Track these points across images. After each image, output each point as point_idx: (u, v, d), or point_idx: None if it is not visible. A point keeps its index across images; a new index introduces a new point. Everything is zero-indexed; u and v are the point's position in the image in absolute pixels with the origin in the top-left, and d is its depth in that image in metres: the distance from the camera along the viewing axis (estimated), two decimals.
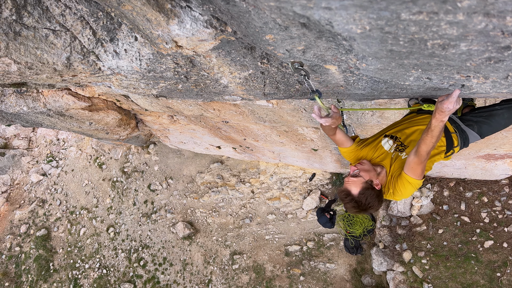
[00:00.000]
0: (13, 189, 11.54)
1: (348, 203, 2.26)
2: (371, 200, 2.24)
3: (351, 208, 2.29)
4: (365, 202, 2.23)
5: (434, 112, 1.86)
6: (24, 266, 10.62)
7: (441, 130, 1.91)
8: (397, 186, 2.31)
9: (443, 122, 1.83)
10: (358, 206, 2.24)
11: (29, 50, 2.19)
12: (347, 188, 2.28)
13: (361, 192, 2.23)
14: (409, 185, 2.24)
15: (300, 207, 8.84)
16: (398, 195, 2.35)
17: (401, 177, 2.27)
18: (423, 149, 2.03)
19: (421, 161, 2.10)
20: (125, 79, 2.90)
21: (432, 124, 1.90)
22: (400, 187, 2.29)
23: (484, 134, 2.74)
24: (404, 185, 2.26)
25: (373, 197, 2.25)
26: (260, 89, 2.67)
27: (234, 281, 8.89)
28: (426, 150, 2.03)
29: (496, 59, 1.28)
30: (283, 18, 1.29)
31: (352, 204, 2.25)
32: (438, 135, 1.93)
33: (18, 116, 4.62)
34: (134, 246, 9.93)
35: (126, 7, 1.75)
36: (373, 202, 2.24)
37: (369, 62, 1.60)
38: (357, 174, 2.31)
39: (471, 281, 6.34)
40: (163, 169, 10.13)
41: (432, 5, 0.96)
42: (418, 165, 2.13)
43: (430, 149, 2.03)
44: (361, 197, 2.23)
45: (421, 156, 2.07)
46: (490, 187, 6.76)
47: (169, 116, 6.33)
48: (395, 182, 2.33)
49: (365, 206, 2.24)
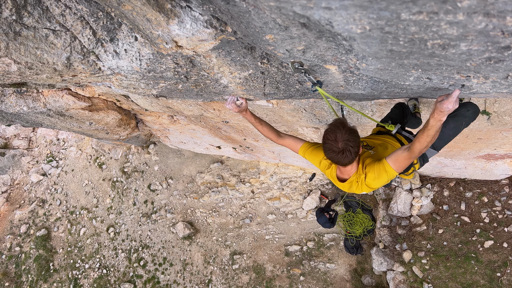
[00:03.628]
0: (13, 189, 11.54)
1: (327, 133, 2.10)
2: (348, 135, 2.07)
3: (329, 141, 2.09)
4: (342, 133, 2.05)
5: (432, 111, 1.86)
6: (24, 266, 10.62)
7: (438, 130, 1.93)
8: (371, 171, 2.30)
9: (441, 121, 1.85)
10: (336, 138, 2.06)
11: (29, 50, 2.19)
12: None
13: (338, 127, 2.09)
14: (384, 173, 2.24)
15: (300, 207, 8.84)
16: (370, 181, 2.33)
17: (379, 164, 2.27)
18: (417, 146, 2.05)
19: (410, 157, 2.12)
20: (125, 79, 2.90)
21: (429, 123, 1.91)
22: (375, 173, 2.28)
23: (437, 147, 2.89)
24: (379, 171, 2.26)
25: (348, 130, 2.09)
26: (260, 89, 2.67)
27: (234, 281, 8.89)
28: (420, 148, 2.05)
29: (496, 59, 1.28)
30: (283, 18, 1.29)
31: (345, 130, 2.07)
32: (433, 134, 1.95)
33: (18, 116, 4.62)
34: (134, 246, 9.93)
35: (126, 7, 1.75)
36: (350, 136, 2.06)
37: (369, 62, 1.60)
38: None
39: (471, 281, 6.34)
40: (163, 169, 10.13)
41: (432, 5, 0.96)
42: (405, 160, 2.16)
43: (424, 148, 2.05)
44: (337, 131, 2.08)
45: (413, 153, 2.09)
46: (490, 187, 6.76)
47: (169, 116, 6.33)
48: (370, 167, 2.32)
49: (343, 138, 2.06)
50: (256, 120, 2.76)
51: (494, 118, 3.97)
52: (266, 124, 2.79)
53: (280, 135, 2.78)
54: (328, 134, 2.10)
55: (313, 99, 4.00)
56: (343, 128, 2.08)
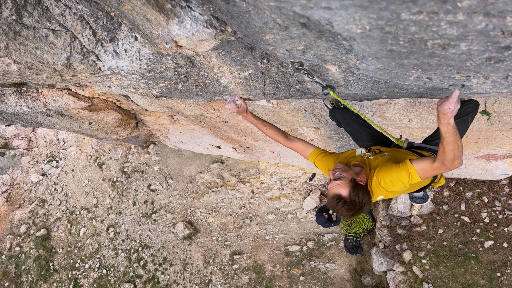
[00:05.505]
0: (13, 189, 11.53)
1: (342, 207, 2.12)
2: (363, 197, 2.12)
3: (346, 212, 2.14)
4: (359, 200, 2.10)
5: (437, 118, 1.80)
6: (24, 266, 10.62)
7: (455, 134, 1.79)
8: (384, 169, 2.18)
9: (450, 124, 1.74)
10: (354, 206, 2.10)
11: (29, 50, 2.19)
12: (335, 192, 2.14)
13: (351, 192, 2.10)
14: (406, 173, 2.06)
15: (300, 207, 8.84)
16: (385, 179, 2.17)
17: (399, 164, 2.12)
18: (444, 158, 1.89)
19: (439, 167, 1.97)
20: (125, 79, 2.90)
21: (441, 132, 1.81)
22: (393, 171, 2.13)
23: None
24: (399, 170, 2.09)
25: (364, 193, 2.13)
26: (260, 89, 2.67)
27: (234, 281, 8.89)
28: (448, 159, 1.88)
29: (496, 59, 1.28)
30: (283, 18, 1.29)
31: (347, 207, 2.11)
32: (453, 140, 1.81)
33: (18, 116, 4.62)
34: (134, 246, 9.92)
35: (126, 7, 1.75)
36: (366, 198, 2.13)
37: (369, 62, 1.60)
38: (339, 176, 2.19)
39: (471, 281, 6.34)
40: (163, 169, 10.13)
41: (432, 5, 0.96)
42: (432, 170, 2.01)
43: (452, 157, 1.87)
44: (353, 196, 2.10)
45: (443, 164, 1.92)
46: (490, 187, 6.76)
47: (169, 116, 6.33)
48: (385, 167, 2.19)
49: (360, 204, 2.10)
50: (258, 121, 2.70)
51: (494, 118, 3.97)
52: (271, 126, 2.73)
53: (288, 137, 2.72)
54: (345, 203, 2.11)
55: (313, 99, 4.00)
56: (363, 193, 2.11)
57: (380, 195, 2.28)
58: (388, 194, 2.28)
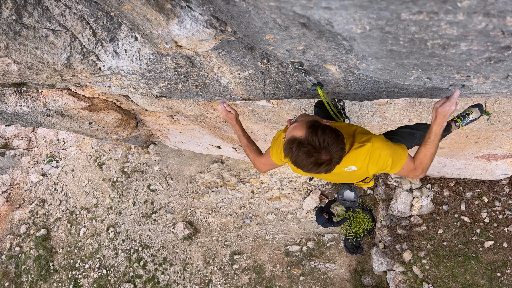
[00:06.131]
0: (13, 189, 11.53)
1: (298, 152, 1.60)
2: (324, 136, 1.59)
3: (306, 158, 1.60)
4: (319, 140, 1.59)
5: (434, 119, 1.81)
6: (24, 266, 10.62)
7: (439, 138, 1.84)
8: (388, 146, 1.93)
9: (443, 127, 1.79)
10: (313, 149, 1.59)
11: (29, 50, 2.19)
12: (289, 137, 1.68)
13: (307, 132, 1.62)
14: (399, 158, 1.93)
15: (300, 207, 8.84)
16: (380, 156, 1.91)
17: (403, 148, 1.98)
18: (424, 162, 1.88)
19: (410, 169, 1.95)
20: (125, 79, 2.90)
21: (432, 132, 1.82)
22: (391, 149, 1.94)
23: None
24: (398, 151, 1.94)
25: (326, 133, 1.61)
26: (260, 89, 2.67)
27: (234, 281, 8.88)
28: (427, 164, 1.89)
29: (496, 59, 1.28)
30: (283, 18, 1.29)
31: (304, 150, 1.59)
32: (437, 143, 1.86)
33: (18, 116, 4.62)
34: (134, 246, 9.92)
35: (126, 7, 1.75)
36: (329, 138, 1.60)
37: (369, 62, 1.60)
38: (291, 120, 1.82)
39: (471, 281, 6.34)
40: (163, 169, 10.13)
41: (432, 5, 0.96)
42: (405, 168, 1.96)
43: (430, 163, 1.90)
44: (310, 136, 1.60)
45: (417, 169, 1.93)
46: (490, 187, 6.76)
47: (169, 116, 6.33)
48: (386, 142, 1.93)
49: (321, 146, 1.59)
50: (243, 133, 2.54)
51: (494, 118, 3.97)
52: (252, 143, 2.55)
53: (260, 154, 2.49)
54: (302, 145, 1.61)
55: (313, 99, 4.00)
56: (324, 131, 1.61)
57: (352, 165, 1.95)
58: (362, 168, 1.96)
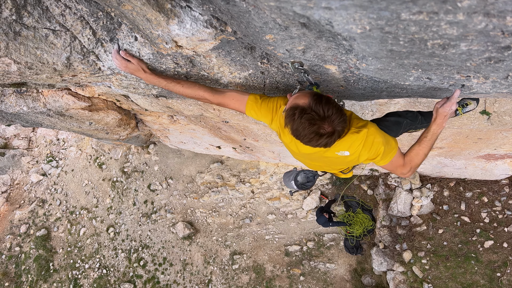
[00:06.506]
0: (13, 189, 11.53)
1: (300, 119, 1.59)
2: (328, 106, 1.59)
3: (309, 126, 1.59)
4: (322, 109, 1.58)
5: (434, 119, 1.81)
6: (24, 266, 10.62)
7: (436, 138, 1.86)
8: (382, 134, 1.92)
9: (443, 127, 1.81)
10: (317, 116, 1.58)
11: (29, 50, 2.19)
12: (291, 104, 1.67)
13: (311, 101, 1.61)
14: (390, 148, 1.91)
15: (300, 207, 8.84)
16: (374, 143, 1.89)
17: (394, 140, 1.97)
18: (415, 161, 1.89)
19: (399, 164, 1.96)
20: (125, 79, 2.90)
21: (430, 132, 1.84)
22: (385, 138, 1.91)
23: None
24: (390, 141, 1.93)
25: (329, 103, 1.61)
26: (260, 89, 2.67)
27: (234, 281, 8.89)
28: (417, 163, 1.89)
29: (496, 59, 1.28)
30: (283, 18, 1.29)
31: (308, 117, 1.58)
32: (432, 144, 1.88)
33: (18, 116, 4.62)
34: (134, 246, 9.92)
35: (126, 7, 1.75)
36: (332, 109, 1.60)
37: (369, 62, 1.60)
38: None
39: (471, 281, 6.34)
40: (163, 169, 10.13)
41: (432, 5, 0.96)
42: (395, 163, 1.95)
43: (420, 163, 1.91)
44: (314, 105, 1.59)
45: (405, 167, 1.93)
46: (490, 187, 6.76)
47: (169, 116, 6.33)
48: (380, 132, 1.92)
49: (324, 115, 1.59)
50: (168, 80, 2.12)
51: (494, 118, 3.97)
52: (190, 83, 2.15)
53: (217, 91, 2.14)
54: (305, 112, 1.59)
55: None
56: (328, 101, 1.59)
57: (346, 150, 1.93)
58: (355, 154, 1.94)
